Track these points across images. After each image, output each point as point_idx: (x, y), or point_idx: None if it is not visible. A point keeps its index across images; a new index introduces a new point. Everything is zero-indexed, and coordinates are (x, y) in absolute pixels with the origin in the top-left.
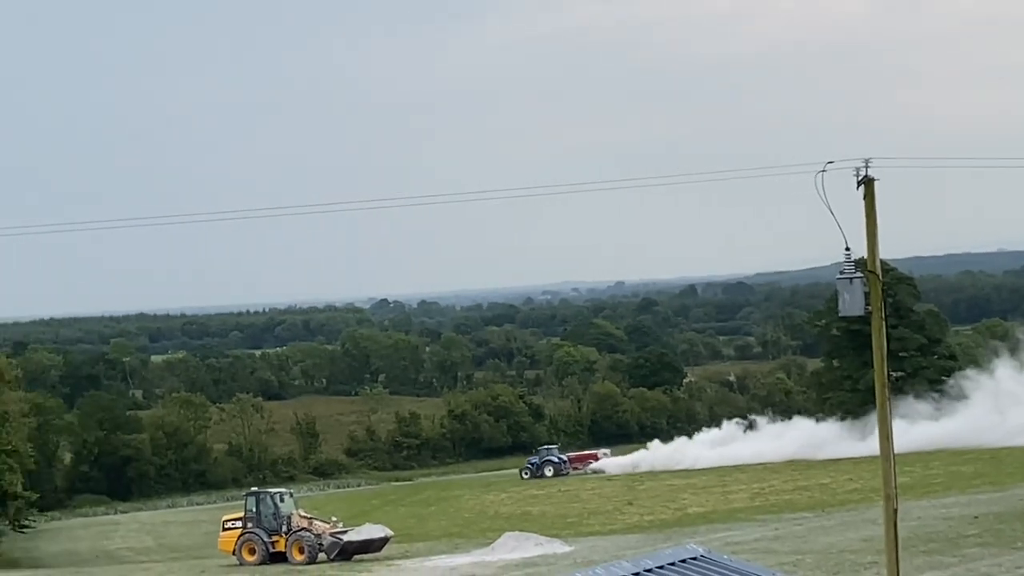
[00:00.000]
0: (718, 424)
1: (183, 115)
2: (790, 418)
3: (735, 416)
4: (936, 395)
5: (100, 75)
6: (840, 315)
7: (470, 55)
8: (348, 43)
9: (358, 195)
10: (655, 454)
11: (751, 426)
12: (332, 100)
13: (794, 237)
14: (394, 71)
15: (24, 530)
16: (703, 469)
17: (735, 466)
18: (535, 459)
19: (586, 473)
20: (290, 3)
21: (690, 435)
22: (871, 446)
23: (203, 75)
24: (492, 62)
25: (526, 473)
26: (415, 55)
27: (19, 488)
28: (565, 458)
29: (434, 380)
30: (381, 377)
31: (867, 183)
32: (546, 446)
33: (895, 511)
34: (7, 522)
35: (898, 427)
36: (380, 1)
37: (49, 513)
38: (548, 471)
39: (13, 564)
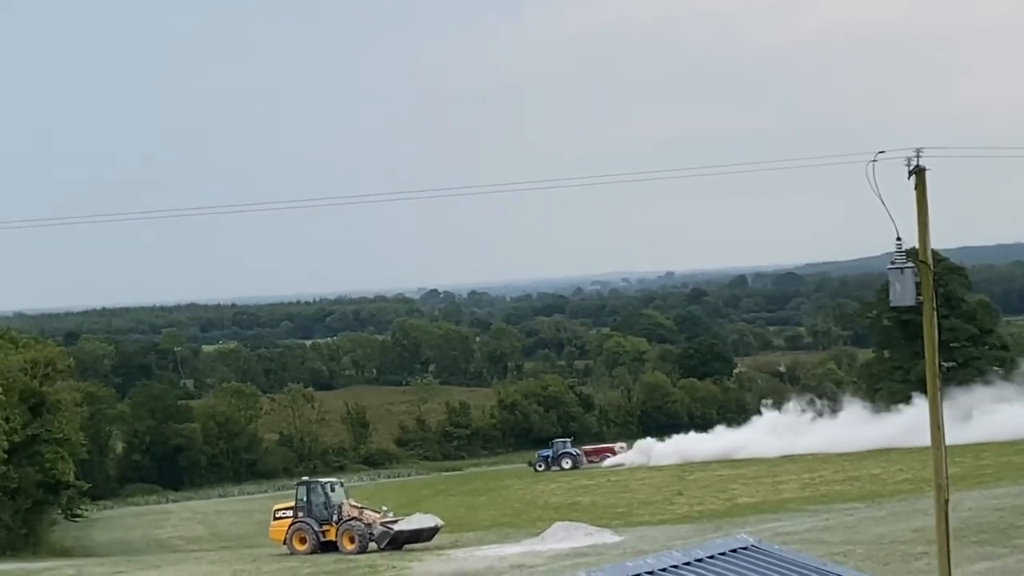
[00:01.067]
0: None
1: (232, 105)
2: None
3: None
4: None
5: (139, 63)
6: (891, 305)
7: (520, 48)
8: (402, 34)
9: (408, 186)
10: (711, 442)
11: (831, 410)
12: (387, 91)
13: (844, 227)
14: (448, 63)
15: (76, 519)
16: (754, 459)
17: (785, 456)
18: (548, 452)
19: (601, 466)
20: None
21: (738, 424)
22: (971, 433)
23: (255, 64)
24: (542, 55)
25: (540, 465)
26: (466, 47)
27: (71, 477)
28: (579, 451)
29: (484, 370)
30: (431, 367)
31: (918, 173)
32: (560, 439)
33: (946, 501)
34: (60, 511)
35: (1009, 411)
36: None
37: (101, 502)
38: (566, 463)
39: (65, 553)
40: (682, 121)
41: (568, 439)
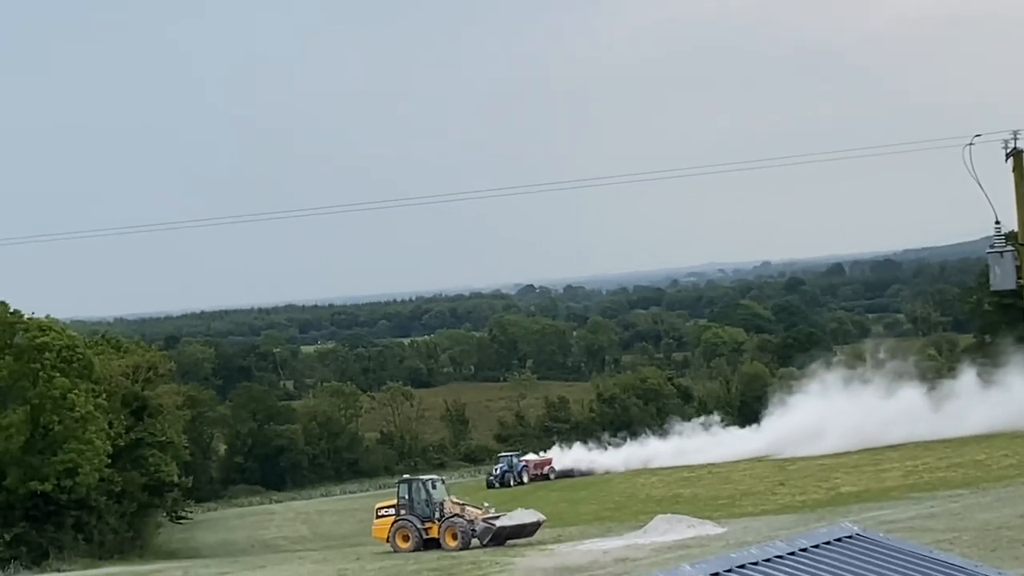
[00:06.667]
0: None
1: (318, 107)
2: None
3: None
4: None
5: (233, 66)
6: (991, 289)
7: (607, 40)
8: (492, 31)
9: (501, 183)
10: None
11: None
12: (477, 89)
13: (942, 212)
14: (537, 55)
15: (181, 521)
16: (850, 452)
17: (887, 444)
18: (503, 465)
19: (551, 478)
20: None
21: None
22: None
23: (344, 64)
24: (631, 44)
25: (511, 480)
26: (554, 39)
27: (176, 477)
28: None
29: (582, 364)
30: (529, 362)
31: (1016, 155)
32: (505, 453)
33: None
34: (165, 513)
35: None
36: None
37: (205, 504)
38: (525, 478)
39: (172, 555)
40: (776, 107)
41: (514, 452)
